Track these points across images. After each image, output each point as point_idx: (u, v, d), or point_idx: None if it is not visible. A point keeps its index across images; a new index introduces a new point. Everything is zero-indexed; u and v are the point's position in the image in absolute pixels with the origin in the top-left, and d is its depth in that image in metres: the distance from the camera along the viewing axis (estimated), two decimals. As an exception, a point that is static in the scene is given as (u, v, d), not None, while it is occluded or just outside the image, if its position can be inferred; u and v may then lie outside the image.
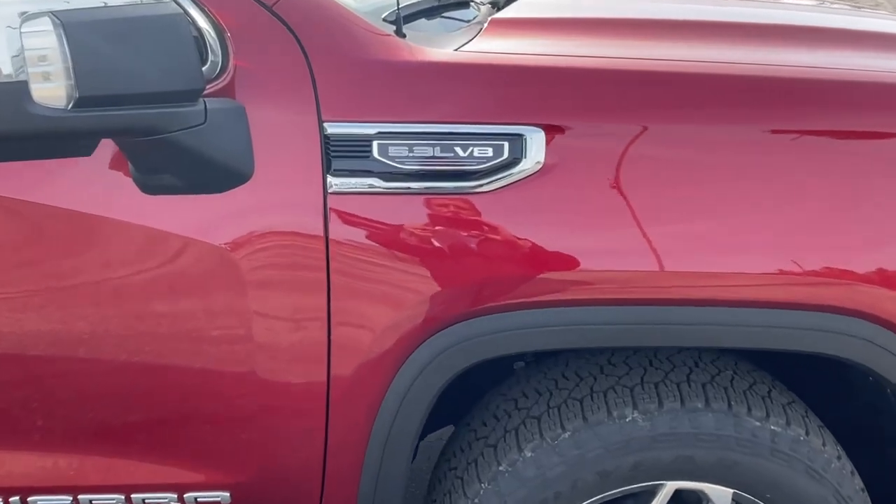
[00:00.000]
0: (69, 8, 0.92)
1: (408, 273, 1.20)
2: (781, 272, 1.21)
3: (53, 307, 1.22)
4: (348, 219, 1.19)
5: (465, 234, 1.20)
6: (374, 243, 1.20)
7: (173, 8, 1.03)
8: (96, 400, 1.27)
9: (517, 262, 1.21)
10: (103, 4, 0.98)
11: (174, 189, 1.17)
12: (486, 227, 1.20)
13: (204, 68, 1.18)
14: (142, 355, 1.23)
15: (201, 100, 1.09)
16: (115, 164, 1.16)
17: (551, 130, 1.19)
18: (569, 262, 1.21)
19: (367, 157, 1.18)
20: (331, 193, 1.18)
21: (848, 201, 1.22)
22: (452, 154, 1.18)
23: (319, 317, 1.20)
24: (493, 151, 1.18)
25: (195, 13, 1.18)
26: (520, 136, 1.19)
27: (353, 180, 1.18)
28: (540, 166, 1.19)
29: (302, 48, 1.18)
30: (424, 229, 1.20)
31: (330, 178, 1.18)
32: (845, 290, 1.22)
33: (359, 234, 1.19)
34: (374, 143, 1.18)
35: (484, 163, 1.19)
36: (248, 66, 1.18)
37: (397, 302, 1.21)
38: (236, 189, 1.17)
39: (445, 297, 1.22)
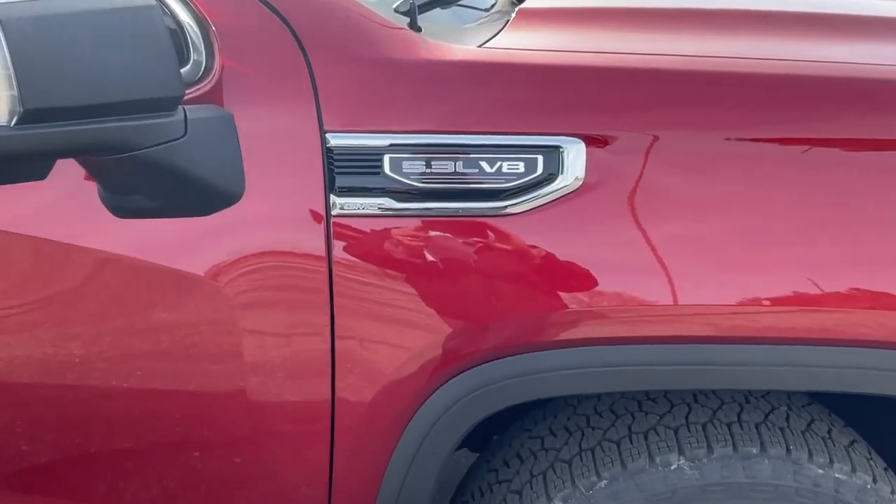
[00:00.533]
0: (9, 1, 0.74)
1: (425, 307, 1.04)
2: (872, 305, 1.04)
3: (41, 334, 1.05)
4: (355, 246, 1.02)
5: (492, 262, 1.03)
6: (385, 274, 1.03)
7: (146, 0, 0.85)
8: (82, 427, 1.10)
9: (553, 295, 1.04)
10: None
11: (150, 212, 0.99)
12: (515, 255, 1.03)
13: (184, 70, 1.00)
14: (131, 381, 1.06)
15: (180, 108, 0.92)
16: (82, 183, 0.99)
17: (593, 142, 1.02)
18: (612, 296, 1.04)
19: (378, 173, 1.01)
20: (335, 216, 1.01)
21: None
22: (477, 170, 1.01)
23: (322, 370, 1.03)
24: (525, 167, 1.01)
25: (174, 4, 1.00)
26: (556, 148, 1.01)
27: (360, 200, 1.01)
28: (580, 183, 1.02)
29: (300, 45, 1.00)
30: (444, 258, 1.03)
31: (333, 198, 1.01)
32: None
33: (368, 264, 1.02)
34: (386, 157, 1.00)
35: (514, 180, 1.02)
36: (237, 66, 1.00)
37: (412, 341, 1.05)
38: (223, 211, 1.00)
39: (470, 334, 1.05)
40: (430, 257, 1.03)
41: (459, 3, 1.41)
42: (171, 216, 1.00)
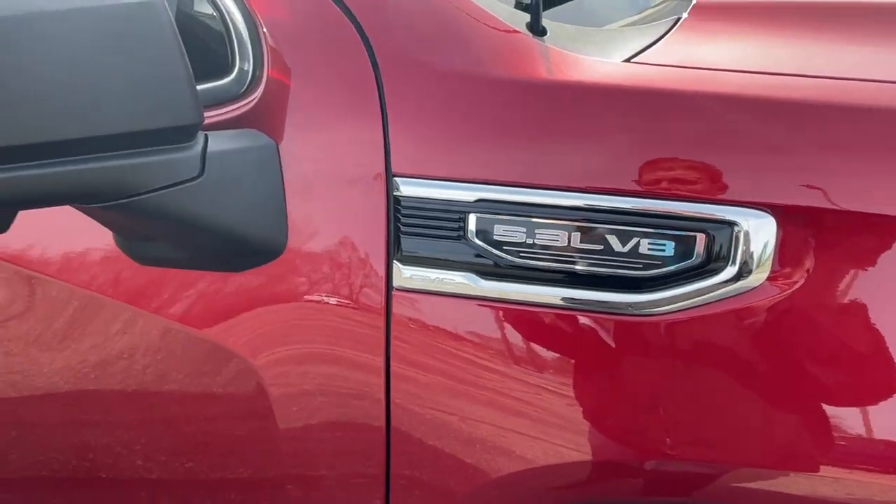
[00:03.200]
0: None
1: (515, 433, 0.74)
2: None
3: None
4: (421, 334, 0.74)
5: (617, 384, 0.71)
6: (459, 376, 0.74)
7: None
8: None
9: (715, 445, 0.70)
10: None
11: (175, 263, 0.78)
12: (655, 379, 0.70)
13: (227, 80, 0.77)
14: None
15: (201, 136, 0.69)
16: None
17: (792, 219, 0.66)
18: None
19: (459, 237, 0.72)
20: (397, 289, 0.74)
21: None
22: (602, 247, 0.68)
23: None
24: (677, 248, 0.67)
25: (223, -6, 0.76)
26: (728, 224, 0.66)
27: (432, 273, 0.73)
28: (762, 280, 0.66)
29: (370, 54, 0.73)
30: (542, 366, 0.72)
31: (397, 265, 0.73)
32: None
33: (438, 362, 0.74)
34: (472, 217, 0.71)
35: (657, 266, 0.68)
36: (289, 79, 0.75)
37: (480, 474, 0.75)
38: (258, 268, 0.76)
39: (572, 474, 0.74)
40: (523, 359, 0.73)
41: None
42: (200, 269, 0.78)
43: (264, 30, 0.75)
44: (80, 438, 0.87)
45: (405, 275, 0.73)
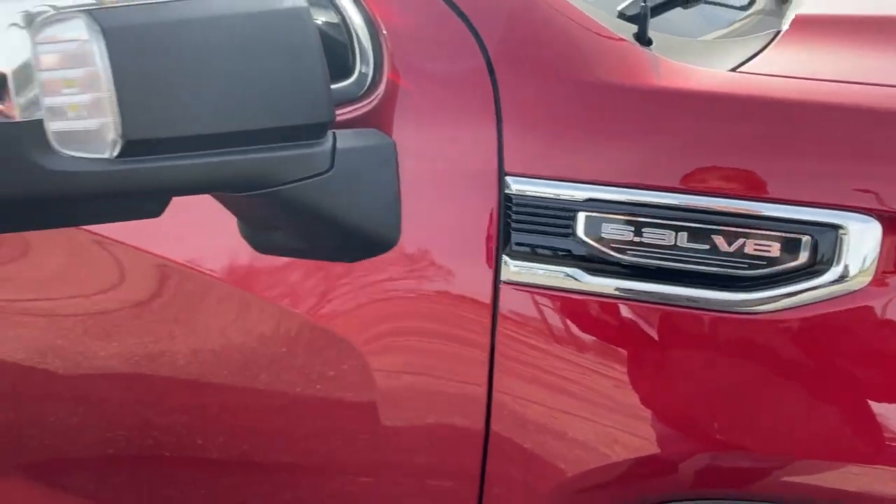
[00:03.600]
0: (113, 4, 0.59)
1: (616, 419, 0.77)
2: None
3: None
4: (528, 324, 0.78)
5: (716, 374, 0.74)
6: (563, 367, 0.78)
7: (297, 1, 0.67)
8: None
9: (810, 441, 0.73)
10: None
11: (293, 252, 0.83)
12: (757, 372, 0.73)
13: (347, 83, 0.82)
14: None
15: (330, 134, 0.74)
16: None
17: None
18: None
19: (568, 234, 0.76)
20: (505, 282, 0.78)
21: None
22: (709, 246, 0.72)
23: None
24: (782, 249, 0.70)
25: (346, 2, 0.82)
26: (833, 228, 0.69)
27: (541, 267, 0.77)
28: (865, 283, 0.69)
29: (488, 60, 0.77)
30: (645, 358, 0.76)
31: (506, 259, 0.78)
32: None
33: (541, 352, 0.78)
34: (581, 216, 0.75)
35: (762, 266, 0.71)
36: (408, 82, 0.80)
37: (590, 456, 0.79)
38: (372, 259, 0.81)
39: (671, 463, 0.77)
40: (625, 355, 0.76)
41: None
42: (317, 258, 0.83)
43: (384, 34, 0.80)
44: (209, 422, 0.92)
45: (513, 269, 0.78)
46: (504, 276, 0.78)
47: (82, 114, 0.58)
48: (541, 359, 0.78)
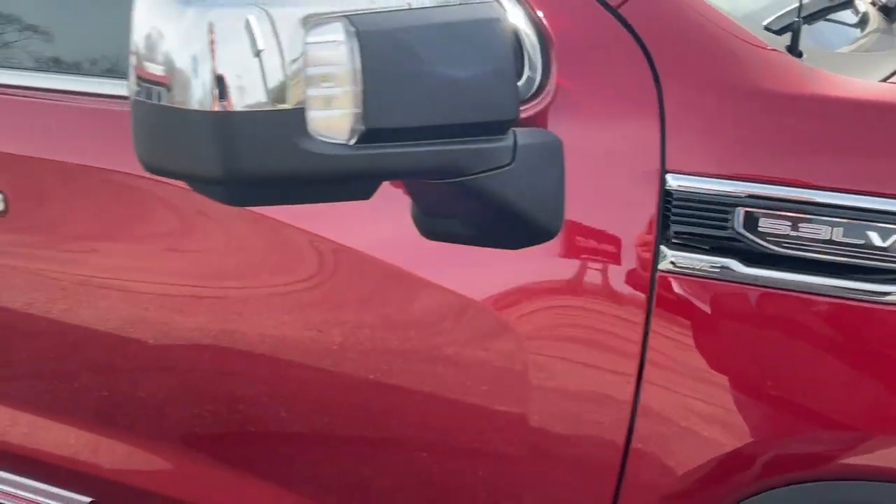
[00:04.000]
0: (366, 9, 0.68)
1: (762, 400, 0.84)
2: None
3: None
4: (683, 310, 0.85)
5: (872, 363, 0.80)
6: (715, 354, 0.84)
7: (493, 10, 0.75)
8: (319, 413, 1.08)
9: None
10: (406, 5, 0.72)
11: (460, 238, 0.91)
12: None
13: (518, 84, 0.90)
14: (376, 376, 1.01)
15: (511, 132, 0.82)
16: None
17: None
18: None
19: (725, 227, 0.82)
20: (662, 271, 0.85)
21: None
22: (863, 241, 0.78)
23: (611, 466, 0.88)
24: (937, 244, 0.76)
25: (517, 13, 0.90)
26: None
27: (698, 257, 0.84)
28: None
29: (652, 66, 0.85)
30: (798, 345, 0.82)
31: (664, 249, 0.85)
32: None
33: (694, 338, 0.85)
34: (739, 211, 0.82)
35: (916, 260, 0.77)
36: (574, 85, 0.88)
37: (733, 437, 0.85)
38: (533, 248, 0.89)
39: (822, 442, 0.84)
40: (780, 342, 0.83)
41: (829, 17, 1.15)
42: (482, 245, 0.91)
43: (552, 42, 0.88)
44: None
45: (671, 258, 0.85)
46: (661, 265, 0.85)
47: (335, 104, 0.67)
48: (691, 345, 0.85)
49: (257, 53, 0.64)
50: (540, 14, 0.89)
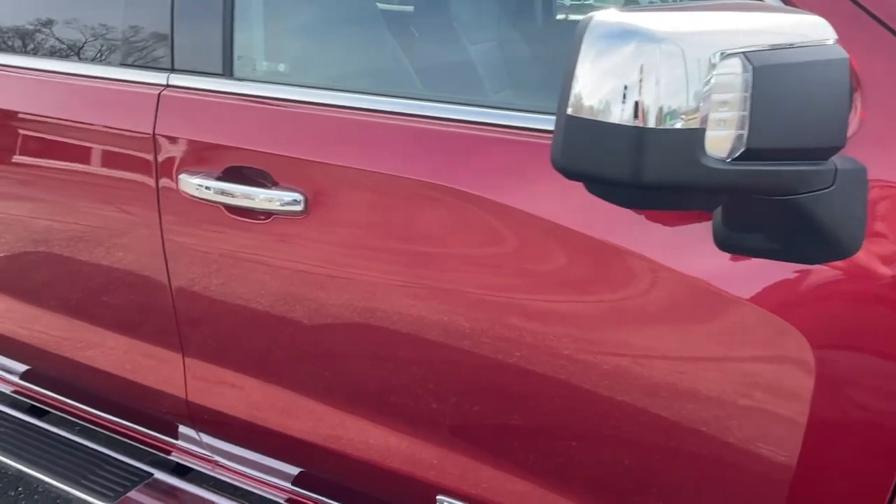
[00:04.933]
0: (760, 48, 0.78)
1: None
2: None
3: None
4: None
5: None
6: None
7: (842, 51, 0.84)
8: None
9: None
10: (786, 43, 0.81)
11: (759, 252, 0.99)
12: None
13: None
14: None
15: (831, 159, 0.90)
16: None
17: None
18: None
19: None
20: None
21: None
22: None
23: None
24: None
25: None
26: None
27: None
28: None
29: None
30: None
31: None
32: None
33: None
34: None
35: None
36: (876, 118, 0.96)
37: None
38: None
39: None
40: None
41: None
42: (779, 259, 0.99)
43: (856, 77, 0.97)
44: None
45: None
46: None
47: (726, 126, 0.77)
48: None
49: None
50: (856, 56, 0.97)
